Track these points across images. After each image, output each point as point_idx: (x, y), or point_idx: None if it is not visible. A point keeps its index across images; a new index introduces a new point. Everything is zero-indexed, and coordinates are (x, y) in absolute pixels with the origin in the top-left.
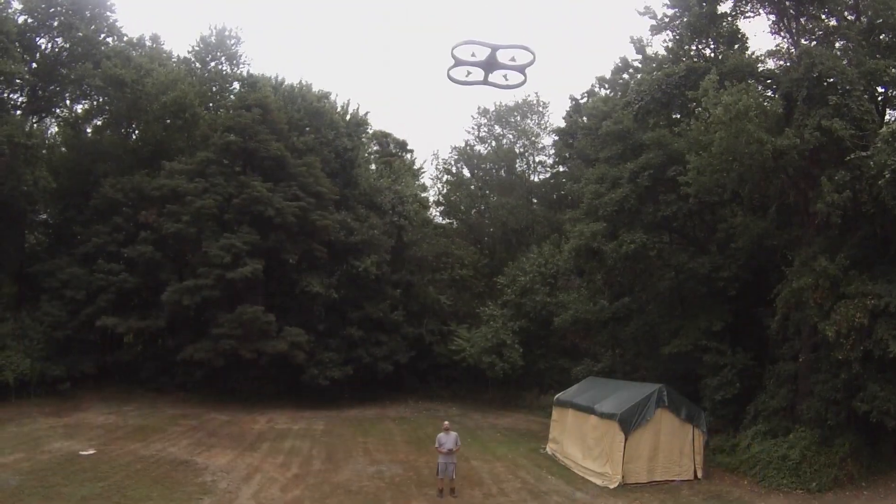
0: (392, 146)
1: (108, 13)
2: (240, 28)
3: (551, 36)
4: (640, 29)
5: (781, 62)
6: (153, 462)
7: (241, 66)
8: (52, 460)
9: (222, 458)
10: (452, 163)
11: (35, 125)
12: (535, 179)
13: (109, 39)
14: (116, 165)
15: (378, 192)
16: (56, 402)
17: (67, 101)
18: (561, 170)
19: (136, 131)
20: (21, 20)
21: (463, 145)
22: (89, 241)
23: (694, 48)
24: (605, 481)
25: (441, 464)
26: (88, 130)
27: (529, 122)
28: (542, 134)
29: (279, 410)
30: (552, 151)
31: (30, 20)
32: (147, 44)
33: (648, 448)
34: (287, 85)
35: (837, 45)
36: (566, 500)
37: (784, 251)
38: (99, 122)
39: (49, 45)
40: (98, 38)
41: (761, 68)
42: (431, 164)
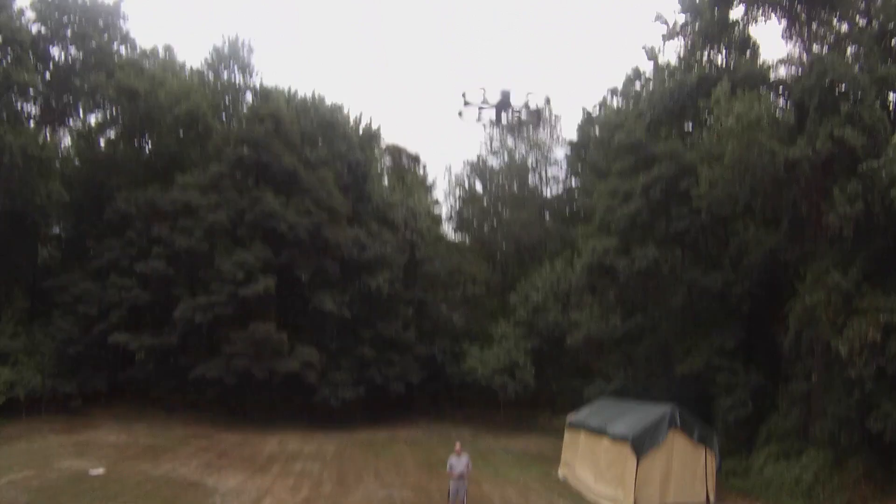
0: (405, 160)
1: (121, 23)
2: (252, 39)
3: (564, 46)
4: (652, 38)
5: (793, 69)
6: (163, 482)
7: (253, 76)
8: (62, 478)
9: (232, 480)
10: (465, 177)
11: (49, 137)
12: (548, 194)
13: (123, 50)
14: (130, 178)
15: (391, 206)
16: (67, 420)
17: (81, 112)
18: (573, 184)
19: (149, 143)
20: (35, 30)
21: (475, 159)
22: (102, 256)
23: (706, 55)
24: None
25: (452, 488)
26: (102, 143)
27: (542, 133)
28: (554, 146)
29: (290, 431)
30: (565, 164)
31: (43, 30)
32: (160, 54)
33: (661, 471)
34: (300, 97)
35: (849, 50)
36: None
37: (796, 266)
38: (112, 135)
39: (62, 56)
40: (111, 48)
41: (773, 76)
42: (444, 179)
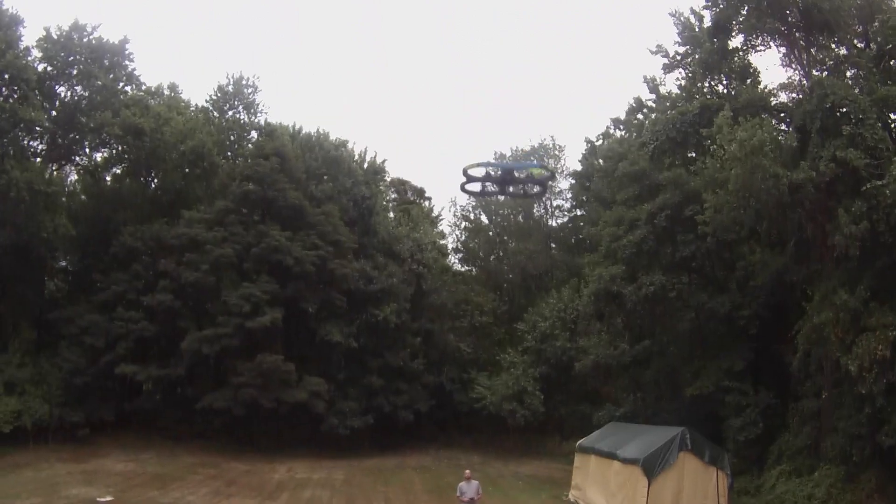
0: (410, 193)
1: (126, 62)
2: (257, 77)
3: (567, 79)
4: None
5: (794, 94)
6: None
7: (258, 114)
8: None
9: None
10: (470, 209)
11: (55, 172)
12: (553, 224)
13: (128, 88)
14: (135, 214)
15: (396, 240)
16: (74, 449)
17: (87, 150)
18: (579, 213)
19: (154, 180)
20: (41, 68)
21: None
22: (109, 289)
23: (707, 85)
24: None
25: None
26: (108, 178)
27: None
28: (559, 177)
29: (299, 459)
30: (569, 195)
31: (49, 68)
32: (165, 92)
33: (672, 492)
34: (304, 133)
35: (849, 73)
36: None
37: (803, 286)
38: (118, 171)
39: (69, 94)
40: (117, 86)
41: (774, 102)
42: (449, 211)
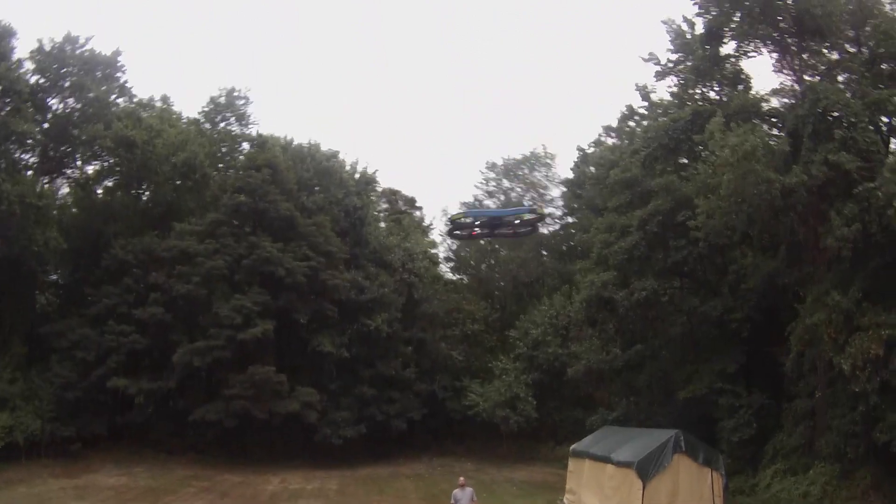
0: (401, 203)
1: (118, 74)
2: (249, 89)
3: (558, 85)
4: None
5: (786, 100)
6: None
7: (250, 126)
8: None
9: None
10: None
11: (46, 185)
12: (545, 231)
13: (120, 100)
14: (127, 226)
15: (388, 249)
16: (66, 463)
17: (79, 162)
18: (570, 220)
19: (146, 192)
20: (33, 80)
21: (472, 200)
22: (100, 302)
23: (698, 91)
24: None
25: None
26: (99, 191)
27: (537, 174)
28: (550, 185)
29: (292, 470)
30: (561, 203)
31: (42, 80)
32: (157, 104)
33: (667, 495)
34: (296, 145)
35: (840, 78)
36: None
37: (796, 288)
38: (110, 183)
39: (61, 106)
40: (109, 98)
41: (766, 107)
42: (440, 220)
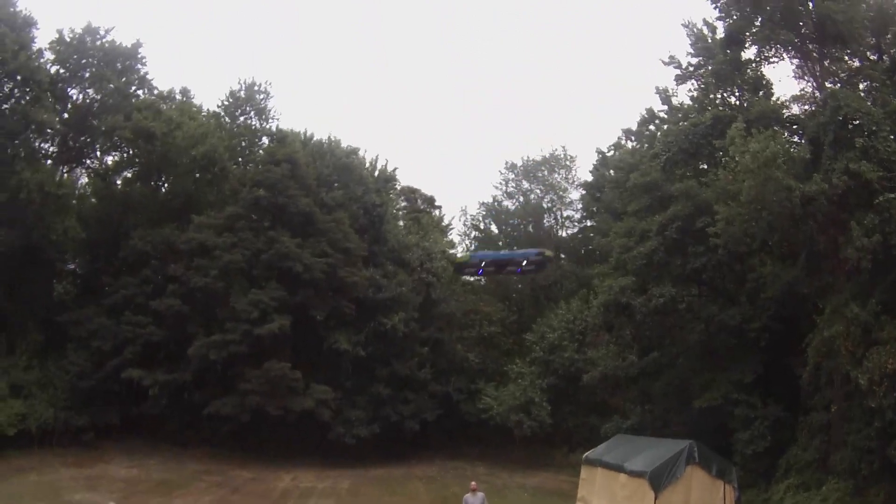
0: (420, 202)
1: (139, 66)
2: (269, 83)
3: (578, 87)
4: (665, 79)
5: (806, 107)
6: None
7: (270, 120)
8: None
9: None
10: (480, 219)
11: (66, 175)
12: (563, 234)
13: (140, 92)
14: (145, 218)
15: (406, 248)
16: (79, 453)
17: (98, 153)
18: (589, 224)
19: (165, 184)
20: (53, 70)
21: (491, 201)
22: (117, 293)
23: (719, 97)
24: None
25: None
26: (118, 182)
27: (557, 176)
28: (569, 188)
29: (304, 468)
30: (580, 206)
31: (62, 71)
32: (177, 97)
33: None
34: (316, 140)
35: (862, 86)
36: None
37: (815, 299)
38: (129, 175)
39: (81, 96)
40: (129, 90)
41: (787, 114)
42: (459, 221)
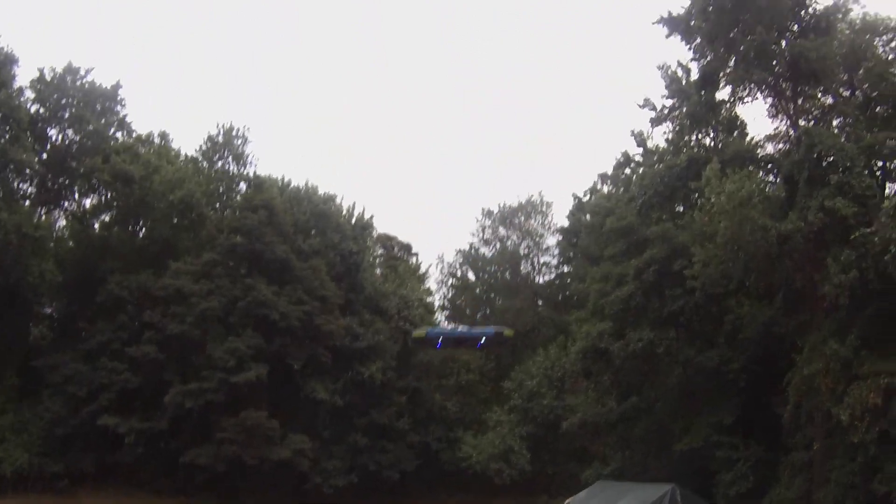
0: (396, 249)
1: (118, 107)
2: (247, 128)
3: (553, 132)
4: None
5: (781, 145)
6: None
7: (247, 165)
8: None
9: None
10: (457, 266)
11: (44, 217)
12: (541, 280)
13: (119, 134)
14: (123, 262)
15: (383, 296)
16: (53, 499)
17: (76, 195)
18: (566, 270)
19: (142, 229)
20: (34, 109)
21: (468, 248)
22: (93, 338)
23: (694, 138)
24: None
25: None
26: (96, 225)
27: (533, 222)
28: (546, 234)
29: None
30: (556, 251)
31: (42, 110)
32: (156, 140)
33: None
34: (293, 187)
35: (835, 122)
36: None
37: (793, 338)
38: (106, 218)
39: (60, 137)
40: (108, 132)
41: (761, 153)
42: (436, 268)
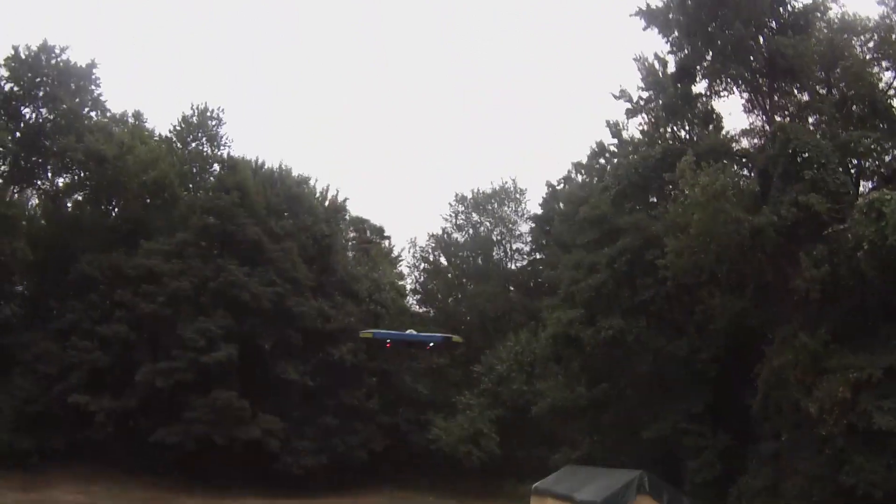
0: (369, 232)
1: (92, 87)
2: (221, 109)
3: (528, 121)
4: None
5: (756, 140)
6: None
7: (221, 147)
8: None
9: None
10: (430, 251)
11: (16, 195)
12: (513, 267)
13: (93, 114)
14: (95, 241)
15: (355, 279)
16: (24, 477)
17: (49, 174)
18: (538, 257)
19: (115, 208)
20: (7, 88)
21: (440, 232)
22: (64, 317)
23: (669, 130)
24: None
25: None
26: (69, 205)
27: (507, 209)
28: (519, 221)
29: (251, 498)
30: (529, 239)
31: (16, 88)
32: (130, 120)
33: None
34: (267, 168)
35: (811, 119)
36: None
37: (763, 330)
38: (79, 197)
39: (34, 116)
40: (82, 111)
41: (736, 147)
42: (409, 252)
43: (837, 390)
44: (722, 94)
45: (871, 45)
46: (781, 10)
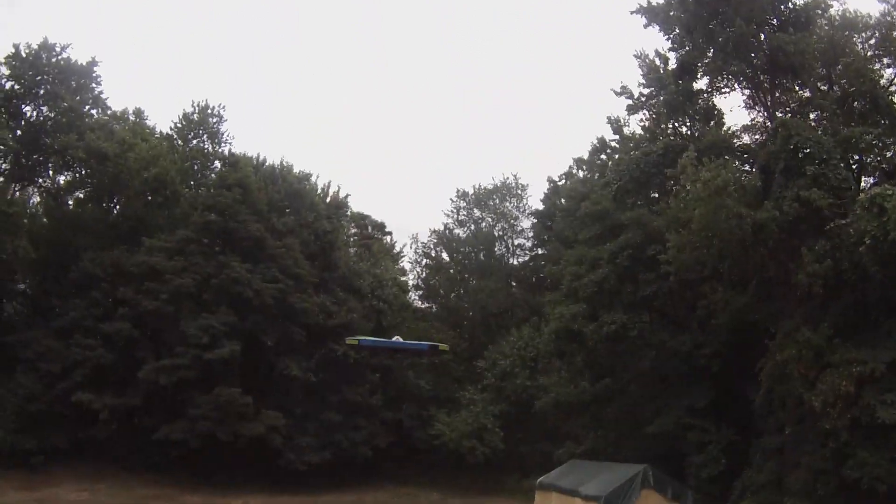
0: (371, 228)
1: (93, 85)
2: (222, 106)
3: (529, 118)
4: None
5: (757, 136)
6: None
7: (222, 144)
8: None
9: None
10: (432, 246)
11: (17, 193)
12: (515, 262)
13: (94, 111)
14: (96, 239)
15: (357, 275)
16: (27, 476)
17: (50, 172)
18: (540, 252)
19: (116, 206)
20: (8, 86)
21: (442, 228)
22: (67, 315)
23: (670, 126)
24: None
25: None
26: (70, 202)
27: (508, 204)
28: (520, 217)
29: (254, 494)
30: (531, 234)
31: (17, 87)
32: (130, 118)
33: None
34: (268, 165)
35: (812, 115)
36: None
37: (765, 325)
38: (81, 195)
39: (35, 114)
40: (83, 109)
41: (738, 143)
42: (410, 248)
43: (840, 384)
44: (723, 91)
45: (872, 42)
46: (782, 7)
